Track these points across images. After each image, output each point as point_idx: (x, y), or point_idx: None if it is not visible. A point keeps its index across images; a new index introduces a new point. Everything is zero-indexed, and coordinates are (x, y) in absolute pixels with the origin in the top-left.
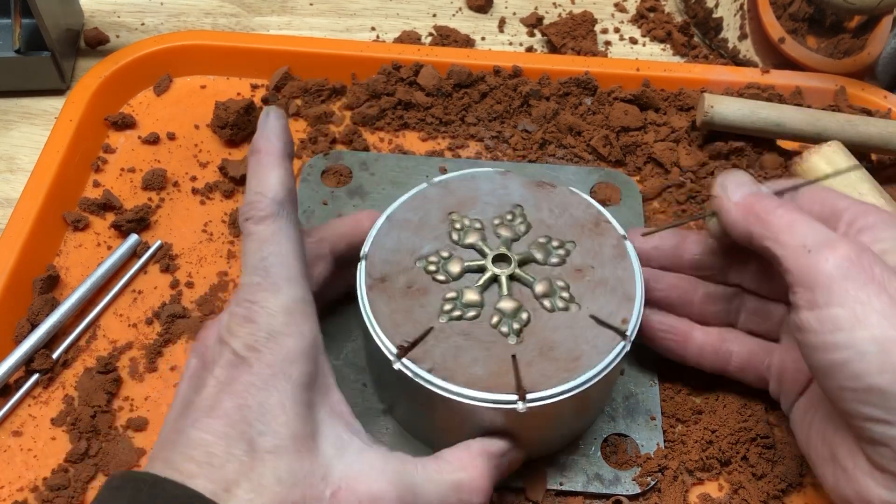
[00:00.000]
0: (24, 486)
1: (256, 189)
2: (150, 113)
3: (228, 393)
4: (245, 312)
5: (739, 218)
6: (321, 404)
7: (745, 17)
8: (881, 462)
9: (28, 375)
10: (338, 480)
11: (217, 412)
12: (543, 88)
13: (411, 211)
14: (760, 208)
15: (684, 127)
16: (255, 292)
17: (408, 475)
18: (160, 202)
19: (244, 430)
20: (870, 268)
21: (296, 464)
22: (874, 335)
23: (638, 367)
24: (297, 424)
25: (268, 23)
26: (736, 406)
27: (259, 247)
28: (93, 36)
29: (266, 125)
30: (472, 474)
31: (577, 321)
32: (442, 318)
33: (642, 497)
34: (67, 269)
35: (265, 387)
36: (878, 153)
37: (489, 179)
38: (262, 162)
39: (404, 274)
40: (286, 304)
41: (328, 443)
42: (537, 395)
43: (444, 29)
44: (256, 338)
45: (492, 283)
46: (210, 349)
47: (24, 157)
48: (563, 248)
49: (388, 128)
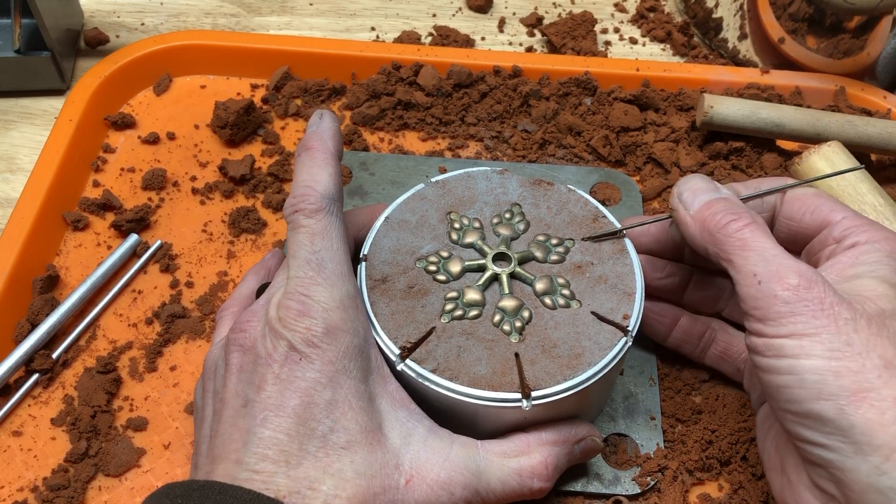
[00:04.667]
0: (24, 485)
1: (307, 182)
2: (150, 113)
3: (293, 390)
4: (300, 307)
5: (696, 233)
6: (380, 394)
7: (745, 18)
8: (818, 482)
9: (28, 375)
10: (408, 469)
11: (285, 410)
12: (543, 88)
13: (409, 211)
14: (713, 225)
15: (684, 127)
16: (309, 286)
17: (472, 460)
18: (160, 202)
19: (314, 426)
20: (819, 298)
21: (370, 456)
22: (815, 365)
23: (638, 367)
24: (363, 418)
25: (268, 23)
26: (736, 406)
27: (311, 240)
28: (93, 36)
29: (320, 125)
30: (533, 461)
31: (578, 318)
32: (444, 318)
33: (642, 497)
34: (67, 269)
35: (329, 384)
36: (878, 153)
37: (486, 178)
38: (315, 158)
39: (405, 275)
40: (341, 299)
41: (394, 432)
42: (541, 392)
43: (444, 29)
44: (314, 332)
45: (492, 281)
46: (259, 342)
47: (24, 157)
48: (562, 245)
49: (387, 128)
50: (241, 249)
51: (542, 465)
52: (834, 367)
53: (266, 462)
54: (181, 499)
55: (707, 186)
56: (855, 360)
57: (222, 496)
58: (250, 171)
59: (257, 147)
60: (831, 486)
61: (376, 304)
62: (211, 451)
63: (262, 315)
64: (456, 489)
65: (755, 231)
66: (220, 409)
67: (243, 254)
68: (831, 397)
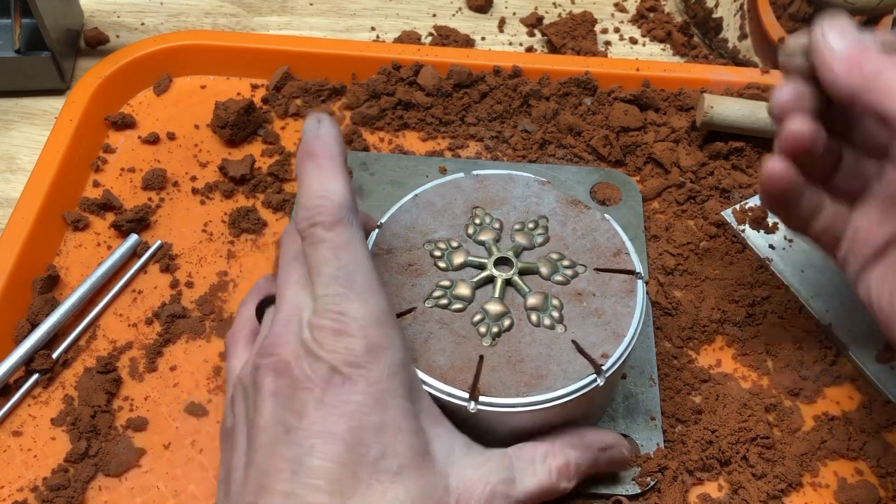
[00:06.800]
0: (24, 485)
1: (321, 193)
2: (150, 113)
3: (339, 415)
4: (335, 325)
5: (842, 73)
6: (422, 412)
7: (745, 17)
8: None
9: (28, 375)
10: (455, 489)
11: (333, 437)
12: (543, 88)
13: (439, 196)
14: (869, 68)
15: (684, 127)
16: (342, 303)
17: (508, 470)
18: (160, 202)
19: (363, 452)
20: None
21: (422, 480)
22: None
23: (638, 367)
24: (413, 440)
25: (268, 23)
26: (736, 406)
27: (335, 255)
28: (93, 36)
29: (320, 130)
30: (559, 461)
31: (556, 342)
32: (428, 303)
33: (642, 497)
34: (67, 269)
35: (376, 406)
36: None
37: (525, 184)
38: (323, 166)
39: (409, 252)
40: (377, 315)
41: (438, 452)
42: (490, 399)
43: (444, 29)
44: (354, 352)
45: (487, 282)
46: (294, 366)
47: (24, 157)
48: (572, 269)
49: (388, 128)
50: (241, 249)
51: (566, 465)
52: None
53: (319, 493)
54: None
55: (854, 29)
56: None
57: None
58: (250, 171)
59: (257, 147)
60: None
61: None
62: (249, 480)
63: (292, 336)
64: (498, 501)
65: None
66: (255, 437)
67: (243, 254)
68: None
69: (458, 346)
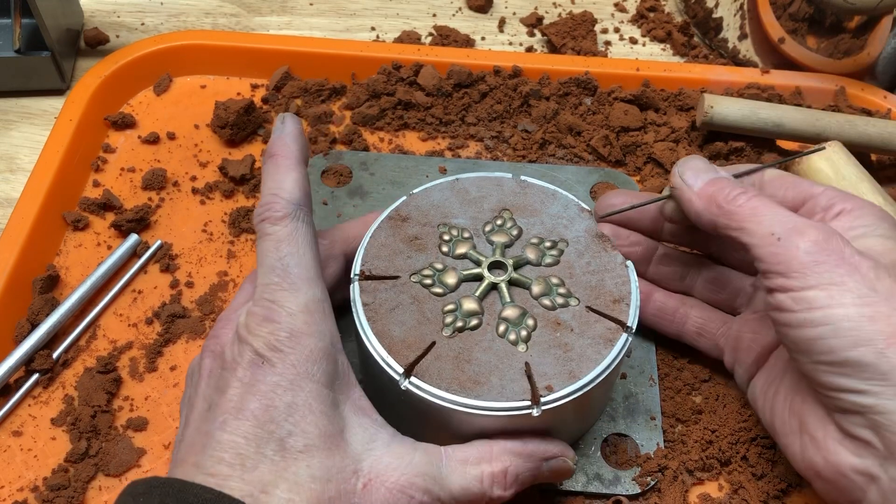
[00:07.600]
0: (25, 485)
1: (272, 191)
2: (150, 113)
3: (254, 394)
4: (265, 312)
5: (702, 208)
6: (344, 401)
7: (745, 17)
8: (852, 430)
9: (28, 375)
10: (367, 473)
11: (244, 413)
12: (543, 88)
13: (476, 186)
14: (722, 198)
15: (684, 127)
16: (274, 292)
17: (434, 465)
18: (160, 202)
19: (272, 430)
20: (839, 250)
21: (328, 461)
22: (849, 313)
23: (638, 367)
24: (324, 423)
25: (268, 23)
26: (736, 406)
27: (276, 247)
28: (93, 36)
29: (283, 130)
30: (495, 468)
31: (510, 358)
32: (413, 277)
33: (642, 497)
34: (67, 269)
35: (291, 387)
36: (878, 153)
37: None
38: (278, 164)
39: (422, 227)
40: (306, 304)
41: (356, 438)
42: (420, 384)
43: (444, 29)
44: (278, 337)
45: (476, 279)
46: (227, 348)
47: (24, 157)
48: (565, 298)
49: (388, 128)
50: (241, 249)
51: (503, 473)
52: (867, 313)
53: (222, 465)
54: (143, 497)
55: (707, 166)
56: (885, 305)
57: (182, 494)
58: (250, 170)
59: (257, 147)
60: (867, 433)
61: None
62: (178, 454)
63: (234, 322)
64: (415, 493)
65: (764, 199)
66: (189, 415)
67: (243, 254)
68: (868, 342)
69: (418, 326)
